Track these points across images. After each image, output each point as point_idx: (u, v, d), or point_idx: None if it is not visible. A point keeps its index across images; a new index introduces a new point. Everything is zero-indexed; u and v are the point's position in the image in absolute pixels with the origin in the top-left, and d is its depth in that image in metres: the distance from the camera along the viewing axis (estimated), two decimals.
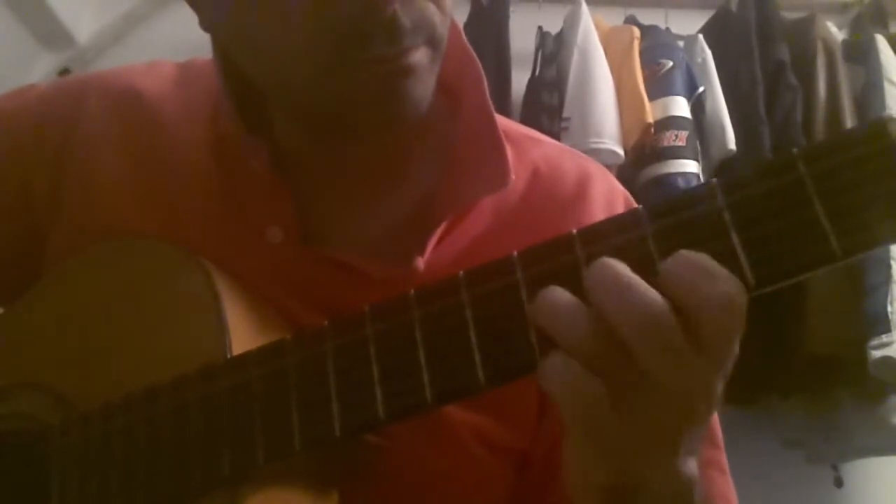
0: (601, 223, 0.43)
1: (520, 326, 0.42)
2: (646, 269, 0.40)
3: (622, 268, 0.40)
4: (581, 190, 0.67)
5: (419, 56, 0.56)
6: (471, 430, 0.60)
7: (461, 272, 0.45)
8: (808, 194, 0.38)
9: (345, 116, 0.59)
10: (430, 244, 0.61)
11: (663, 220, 0.41)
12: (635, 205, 0.47)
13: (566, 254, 0.42)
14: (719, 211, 0.40)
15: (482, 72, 0.67)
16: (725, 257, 0.39)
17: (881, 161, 0.37)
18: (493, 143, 0.64)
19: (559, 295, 0.41)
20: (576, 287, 0.41)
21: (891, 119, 0.37)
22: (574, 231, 0.43)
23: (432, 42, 0.57)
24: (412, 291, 0.46)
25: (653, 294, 0.39)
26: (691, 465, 0.46)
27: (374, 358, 0.46)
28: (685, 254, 0.39)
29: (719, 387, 0.42)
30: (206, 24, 0.62)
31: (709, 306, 0.38)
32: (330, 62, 0.55)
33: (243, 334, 0.54)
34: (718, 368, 0.41)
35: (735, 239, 0.39)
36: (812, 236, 0.38)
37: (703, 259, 0.39)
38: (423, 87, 0.57)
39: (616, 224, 0.42)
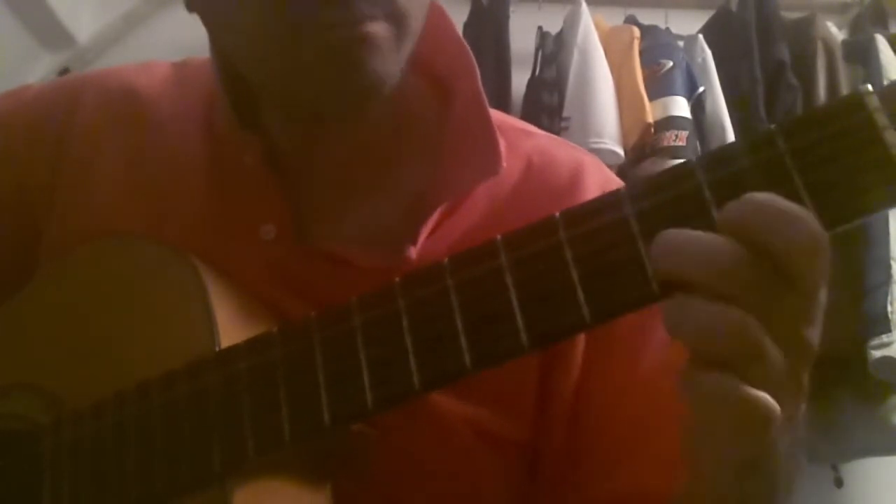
0: (584, 205, 0.43)
1: (505, 310, 0.42)
2: (631, 249, 0.40)
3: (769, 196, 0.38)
4: (575, 180, 0.67)
5: (377, 28, 0.55)
6: (465, 420, 0.60)
7: (446, 258, 0.45)
8: (787, 169, 0.38)
9: (306, 92, 0.59)
10: (423, 233, 0.62)
11: (646, 200, 0.41)
12: None
13: (550, 236, 0.42)
14: (700, 188, 0.40)
15: (474, 62, 0.67)
16: None
17: (859, 134, 0.37)
18: (485, 131, 0.65)
19: (686, 232, 0.39)
20: (560, 267, 0.41)
21: (867, 92, 0.37)
22: (557, 214, 0.43)
23: (394, 18, 0.56)
24: (397, 279, 0.47)
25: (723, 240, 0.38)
26: None
27: (361, 347, 0.46)
28: (754, 196, 0.38)
29: (819, 331, 0.42)
30: (190, 5, 0.63)
31: (798, 249, 0.38)
32: (282, 30, 0.55)
33: (232, 330, 0.54)
34: (816, 313, 0.41)
35: (716, 216, 0.39)
36: None
37: (776, 199, 0.38)
38: (384, 62, 0.56)
39: (599, 205, 0.42)
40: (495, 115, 0.68)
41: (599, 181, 0.68)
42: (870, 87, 0.37)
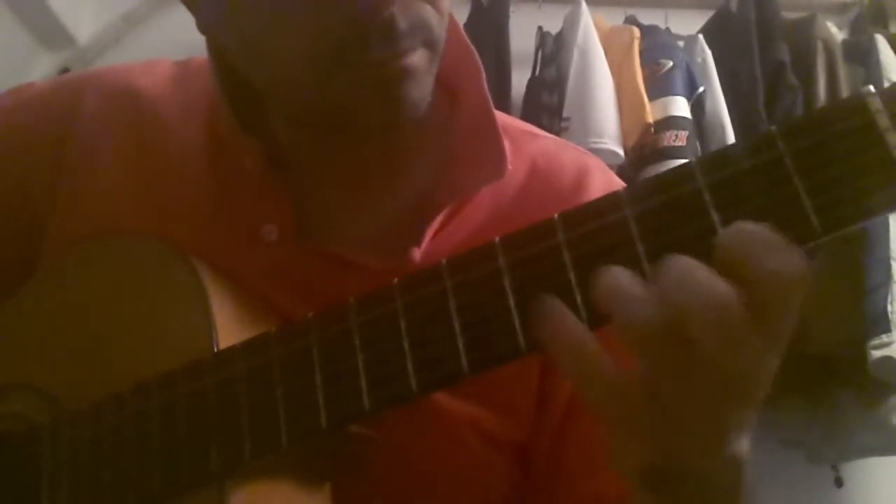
0: (583, 206, 0.42)
1: (503, 312, 0.42)
2: (628, 252, 0.40)
3: (690, 260, 0.38)
4: (579, 183, 0.67)
5: (416, 58, 0.56)
6: (466, 420, 0.60)
7: (444, 260, 0.45)
8: (787, 171, 0.38)
9: (343, 119, 0.59)
10: (427, 236, 0.62)
11: (644, 203, 0.40)
12: None
13: (548, 238, 0.42)
14: (699, 191, 0.39)
15: (480, 64, 0.67)
16: (707, 237, 0.38)
17: (860, 136, 0.37)
18: (490, 134, 0.65)
19: (622, 275, 0.39)
20: (559, 269, 0.41)
21: (869, 94, 0.37)
22: (556, 216, 0.42)
23: (429, 44, 0.57)
24: (396, 281, 0.46)
25: (718, 282, 0.37)
26: (742, 446, 0.43)
27: (358, 348, 0.46)
28: (745, 227, 0.37)
29: (775, 364, 0.40)
30: (203, 26, 0.62)
31: (775, 283, 0.36)
32: (328, 65, 0.55)
33: (231, 330, 0.54)
34: (775, 346, 0.39)
35: (715, 218, 0.39)
36: (792, 213, 0.37)
37: (764, 232, 0.37)
38: (421, 90, 0.57)
39: (597, 208, 0.42)
40: (500, 117, 0.68)
41: (603, 185, 0.68)
42: (871, 88, 0.36)
